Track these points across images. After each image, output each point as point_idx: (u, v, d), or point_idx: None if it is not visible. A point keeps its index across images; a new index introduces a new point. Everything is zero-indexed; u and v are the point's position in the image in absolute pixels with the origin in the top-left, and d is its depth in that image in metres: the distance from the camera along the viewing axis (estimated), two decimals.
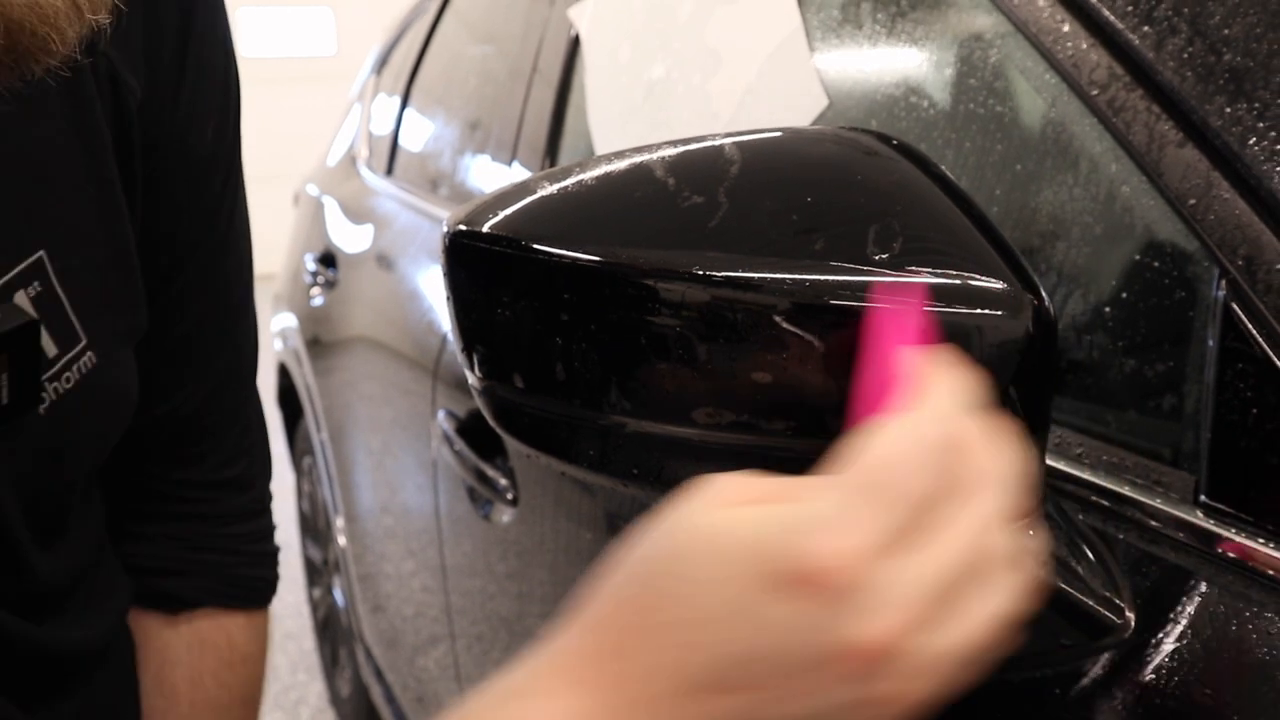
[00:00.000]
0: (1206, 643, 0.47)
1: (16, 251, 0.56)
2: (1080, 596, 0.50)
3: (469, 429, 1.30)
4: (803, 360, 0.46)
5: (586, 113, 1.22)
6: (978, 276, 0.47)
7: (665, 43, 1.08)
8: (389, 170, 2.15)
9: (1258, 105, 0.52)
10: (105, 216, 0.60)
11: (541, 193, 0.52)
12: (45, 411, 0.58)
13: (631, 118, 1.13)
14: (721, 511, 0.35)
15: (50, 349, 0.58)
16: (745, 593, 0.33)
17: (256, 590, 0.79)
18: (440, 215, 1.67)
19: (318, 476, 2.38)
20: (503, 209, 0.52)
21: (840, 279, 0.47)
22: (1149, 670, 0.48)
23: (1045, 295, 0.48)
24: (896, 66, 0.79)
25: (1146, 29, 0.57)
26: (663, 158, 0.52)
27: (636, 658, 0.34)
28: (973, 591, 0.35)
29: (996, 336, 0.47)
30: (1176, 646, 0.48)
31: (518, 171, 1.44)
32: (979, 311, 0.47)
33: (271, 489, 0.82)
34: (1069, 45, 0.61)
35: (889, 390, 0.39)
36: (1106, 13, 0.59)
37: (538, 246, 0.49)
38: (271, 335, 2.79)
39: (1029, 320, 0.47)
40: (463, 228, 0.52)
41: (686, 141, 0.53)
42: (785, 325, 0.46)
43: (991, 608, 0.35)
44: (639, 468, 0.52)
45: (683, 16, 1.06)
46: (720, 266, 0.47)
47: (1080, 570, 0.51)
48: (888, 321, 0.42)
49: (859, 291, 0.46)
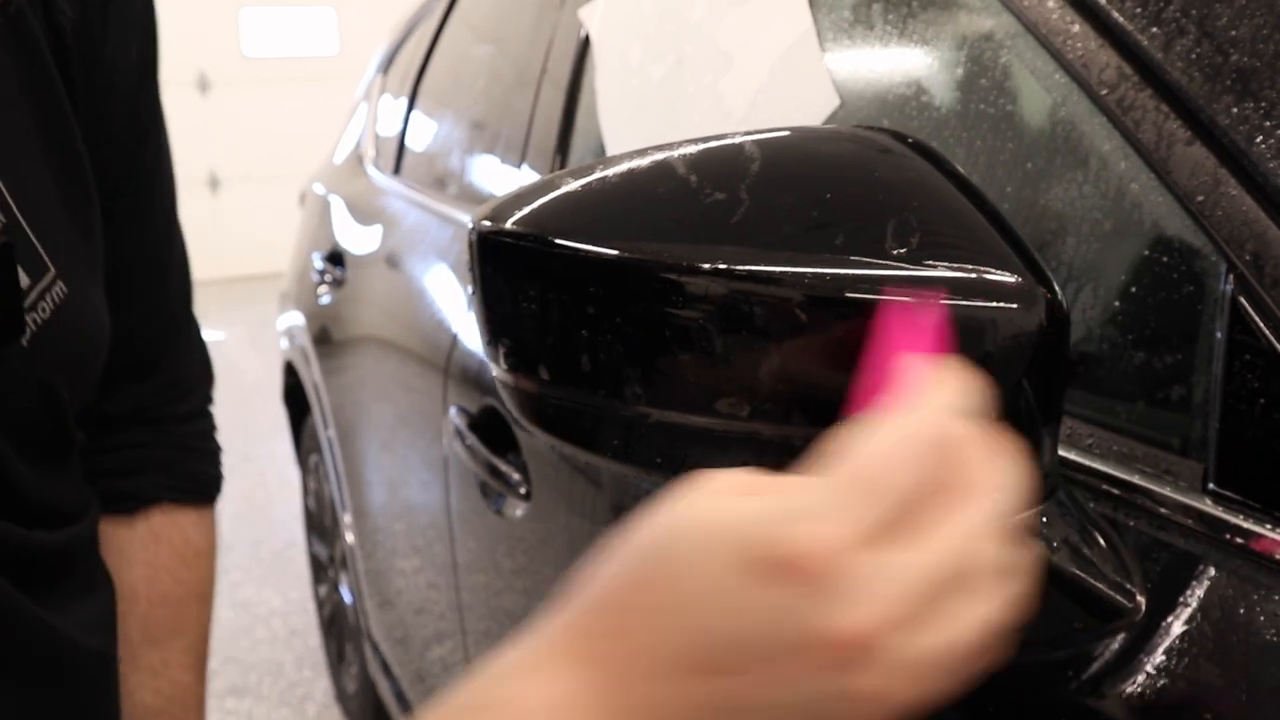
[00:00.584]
0: (1215, 625, 0.49)
1: None
2: (1092, 581, 0.52)
3: (481, 424, 1.31)
4: (821, 352, 0.48)
5: (597, 113, 1.24)
6: (992, 270, 0.48)
7: (676, 43, 1.09)
8: (396, 169, 2.17)
9: (1264, 104, 0.53)
10: (57, 145, 0.63)
11: (566, 189, 0.53)
12: (28, 343, 0.60)
13: (642, 118, 1.15)
14: (712, 500, 0.36)
15: (23, 279, 0.60)
16: (728, 578, 0.34)
17: (206, 485, 0.85)
18: (449, 214, 1.68)
19: (325, 474, 2.40)
20: (528, 205, 0.53)
21: (859, 273, 0.48)
22: (1159, 652, 0.49)
23: (1058, 289, 0.49)
24: (907, 67, 0.81)
25: (1155, 30, 0.58)
26: (684, 155, 0.53)
27: (627, 637, 0.36)
28: (959, 596, 0.35)
29: (1010, 329, 0.48)
30: (1186, 629, 0.49)
31: (527, 172, 1.46)
32: (993, 305, 0.48)
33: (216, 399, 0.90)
34: (1079, 46, 0.62)
35: (888, 386, 0.39)
36: (1115, 14, 0.61)
37: (563, 241, 0.50)
38: (278, 334, 2.81)
39: (1042, 313, 0.48)
40: (489, 223, 0.53)
41: (707, 140, 0.54)
42: (805, 318, 0.47)
43: (978, 615, 0.35)
44: (662, 457, 0.53)
45: (694, 17, 1.07)
46: (743, 261, 0.48)
47: (1092, 556, 0.52)
48: (898, 318, 0.42)
49: (877, 285, 0.47)
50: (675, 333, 0.49)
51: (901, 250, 0.48)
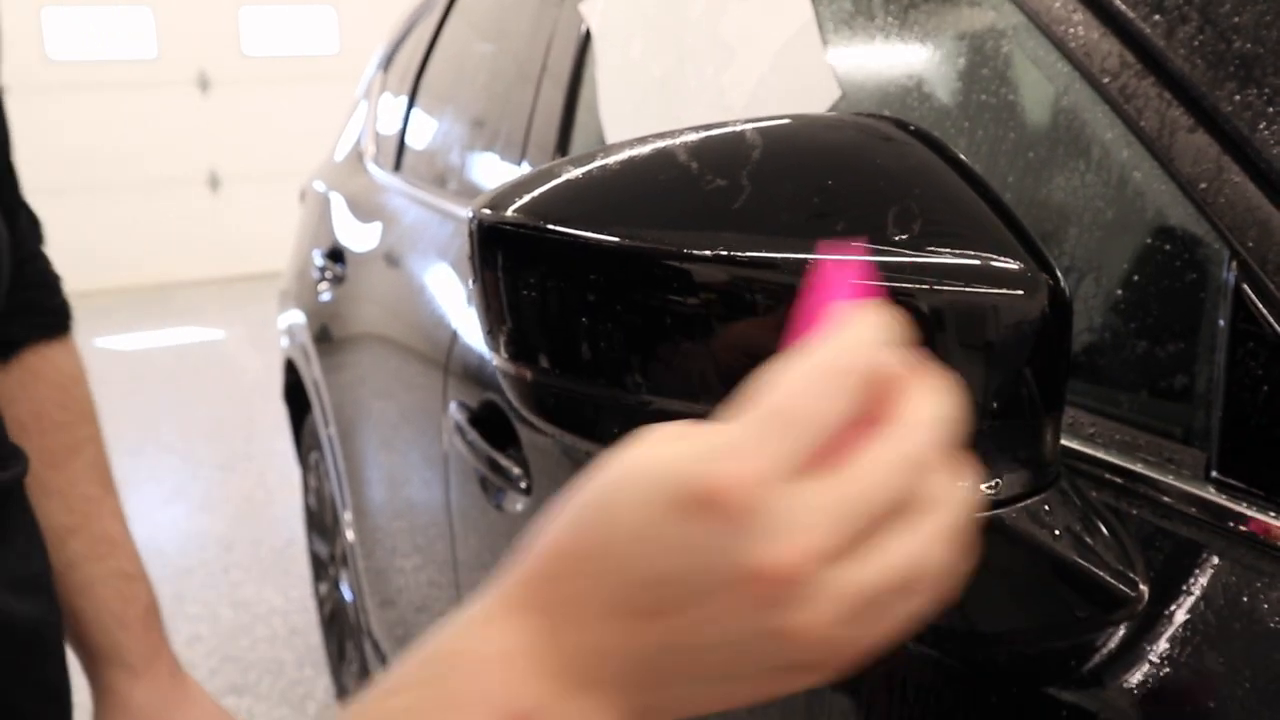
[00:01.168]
0: (1218, 613, 0.48)
1: None
2: (1095, 570, 0.51)
3: (482, 419, 1.31)
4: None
5: (598, 108, 1.23)
6: (994, 257, 0.48)
7: (677, 36, 1.09)
8: (397, 166, 2.16)
9: (1267, 91, 0.53)
10: None
11: (566, 177, 0.53)
12: None
13: (644, 112, 1.15)
14: (644, 449, 0.36)
15: None
16: (655, 518, 0.35)
17: (65, 315, 0.93)
18: (449, 210, 1.68)
19: (325, 472, 2.39)
20: (528, 193, 0.53)
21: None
22: (1163, 641, 0.49)
23: (1060, 276, 0.49)
24: (909, 57, 0.81)
25: (1157, 17, 0.58)
26: (685, 143, 0.53)
27: (569, 583, 0.36)
28: (893, 528, 0.35)
29: (1012, 316, 0.48)
30: (1189, 618, 0.49)
31: (527, 168, 1.45)
32: (996, 291, 0.48)
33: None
34: (1080, 34, 0.62)
35: (813, 330, 0.38)
36: (1118, 2, 0.61)
37: (564, 229, 0.50)
38: (278, 332, 2.81)
39: (1045, 300, 0.48)
40: (489, 211, 0.53)
41: (708, 127, 0.54)
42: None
43: (912, 547, 0.35)
44: None
45: (695, 10, 1.07)
46: (744, 248, 0.48)
47: (1094, 545, 0.52)
48: (826, 274, 0.40)
49: (880, 272, 0.47)
50: (676, 320, 0.49)
51: (903, 237, 0.48)
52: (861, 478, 0.35)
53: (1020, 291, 0.48)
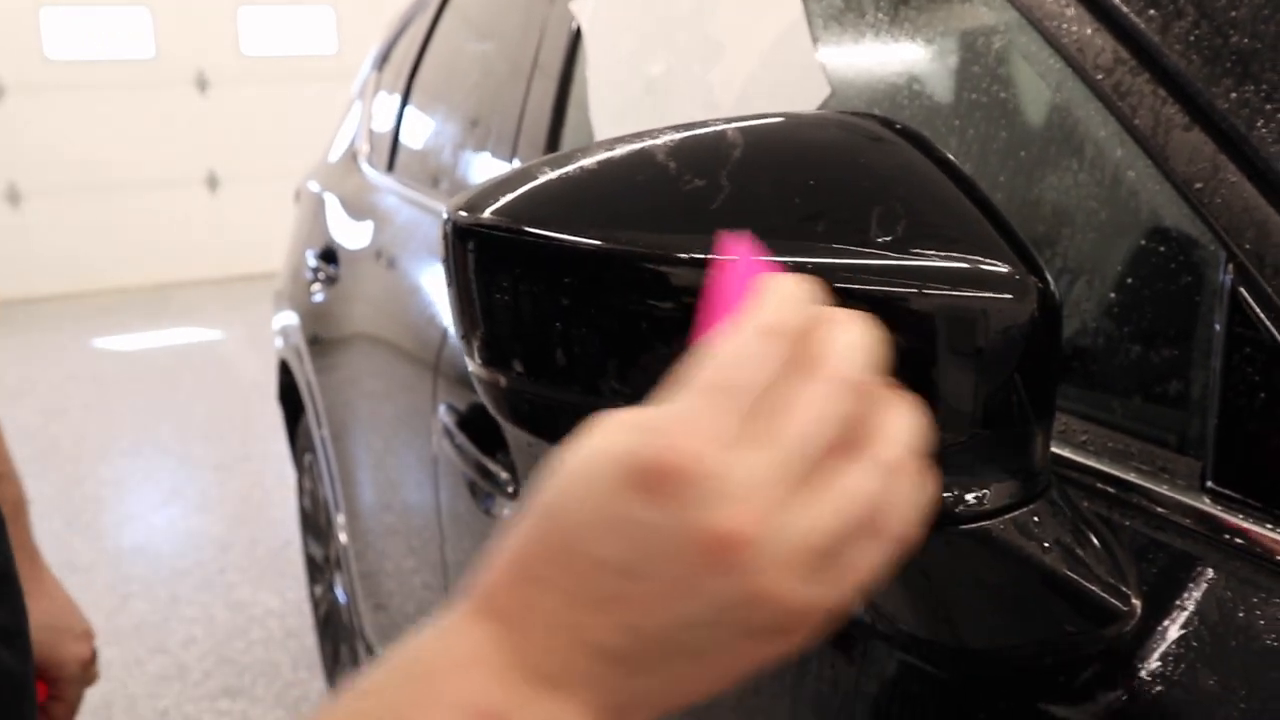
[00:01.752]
0: (1213, 629, 0.47)
1: None
2: (1085, 584, 0.50)
3: (470, 422, 1.29)
4: None
5: (588, 106, 1.22)
6: (983, 260, 0.47)
7: (667, 34, 1.07)
8: (390, 166, 2.15)
9: (1265, 87, 0.51)
10: None
11: (543, 178, 0.52)
12: None
13: (633, 110, 1.13)
14: (592, 438, 0.37)
15: None
16: (607, 502, 0.35)
17: None
18: (441, 211, 1.66)
19: (319, 474, 2.38)
20: (504, 194, 0.51)
21: (841, 262, 0.46)
22: (1155, 657, 0.48)
23: (1050, 279, 0.48)
24: (899, 54, 0.79)
25: (1152, 12, 0.56)
26: (665, 143, 0.51)
27: (532, 586, 0.37)
28: (839, 469, 0.36)
29: (1002, 321, 0.47)
30: (1183, 633, 0.47)
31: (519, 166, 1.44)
32: (985, 295, 0.46)
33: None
34: (1074, 30, 0.61)
35: (725, 314, 0.40)
36: None
37: (538, 231, 0.49)
38: (273, 332, 2.79)
39: (1034, 304, 0.47)
40: (464, 213, 0.52)
41: (689, 127, 0.52)
42: None
43: (862, 479, 0.36)
44: None
45: (685, 7, 1.05)
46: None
47: (1085, 557, 0.50)
48: (728, 269, 0.41)
49: (860, 275, 0.46)
50: (652, 324, 0.47)
51: (887, 238, 0.46)
52: (797, 421, 0.36)
53: (1009, 295, 0.47)
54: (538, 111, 1.40)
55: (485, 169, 1.61)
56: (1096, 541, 0.52)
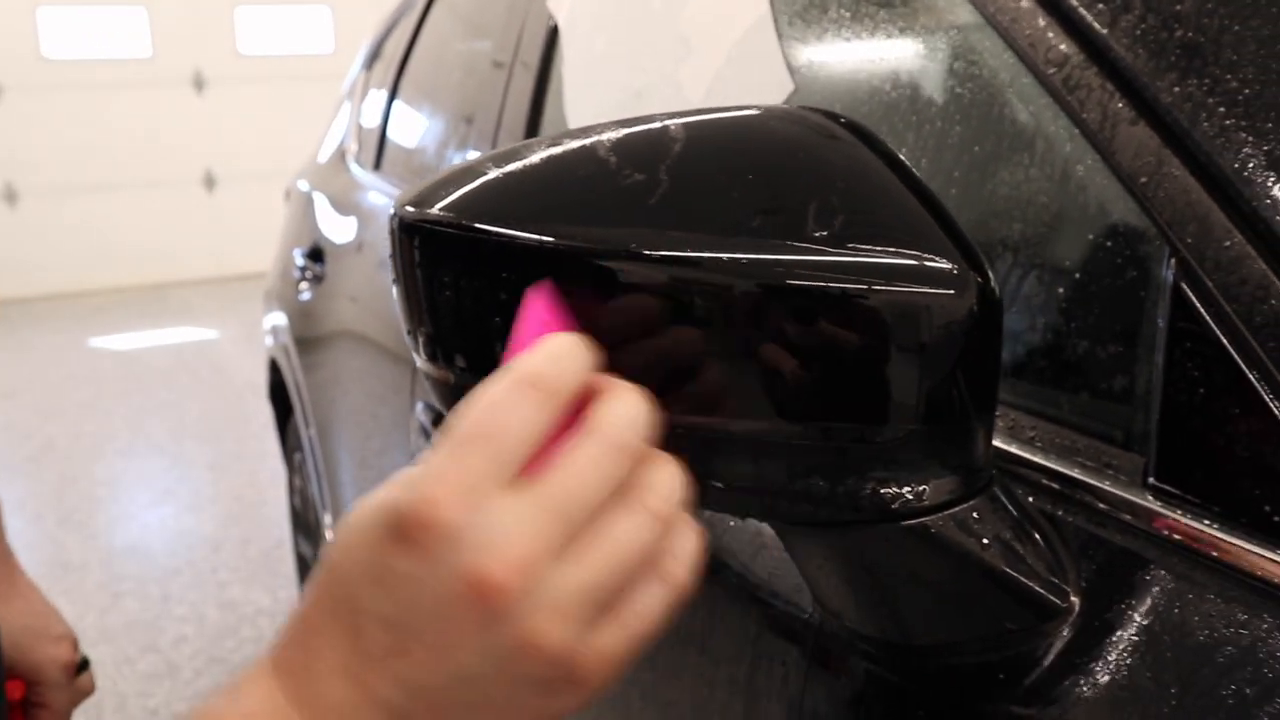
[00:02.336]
0: (1149, 626, 0.46)
1: None
2: (1024, 580, 0.49)
3: (445, 420, 1.29)
4: (733, 339, 0.46)
5: (564, 102, 1.22)
6: (922, 255, 0.46)
7: (639, 31, 1.07)
8: (377, 165, 2.15)
9: (1208, 81, 0.51)
10: None
11: (489, 174, 0.52)
12: None
13: (606, 107, 1.13)
14: (367, 497, 0.37)
15: None
16: (375, 556, 0.36)
17: None
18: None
19: (307, 473, 2.38)
20: (450, 190, 0.51)
21: (781, 257, 0.46)
22: (1092, 654, 0.47)
23: (991, 275, 0.47)
24: (860, 50, 0.79)
25: (1101, 5, 0.56)
26: (607, 138, 0.51)
27: (314, 641, 0.37)
28: (610, 520, 0.36)
29: (943, 316, 0.46)
30: (1120, 630, 0.47)
31: None
32: (925, 290, 0.46)
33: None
34: (1026, 24, 0.60)
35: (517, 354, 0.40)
36: None
37: (482, 226, 0.49)
38: (263, 331, 2.79)
39: (974, 299, 0.46)
40: (410, 209, 0.52)
41: (633, 122, 0.52)
42: (720, 304, 0.45)
43: (631, 531, 0.36)
44: None
45: (657, 4, 1.05)
46: (656, 244, 0.46)
47: (1025, 554, 0.50)
48: (532, 310, 0.43)
49: (798, 270, 0.45)
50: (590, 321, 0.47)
51: (824, 233, 0.46)
52: (565, 478, 0.36)
53: (950, 291, 0.46)
54: (517, 108, 1.40)
55: None
56: (1038, 538, 0.51)
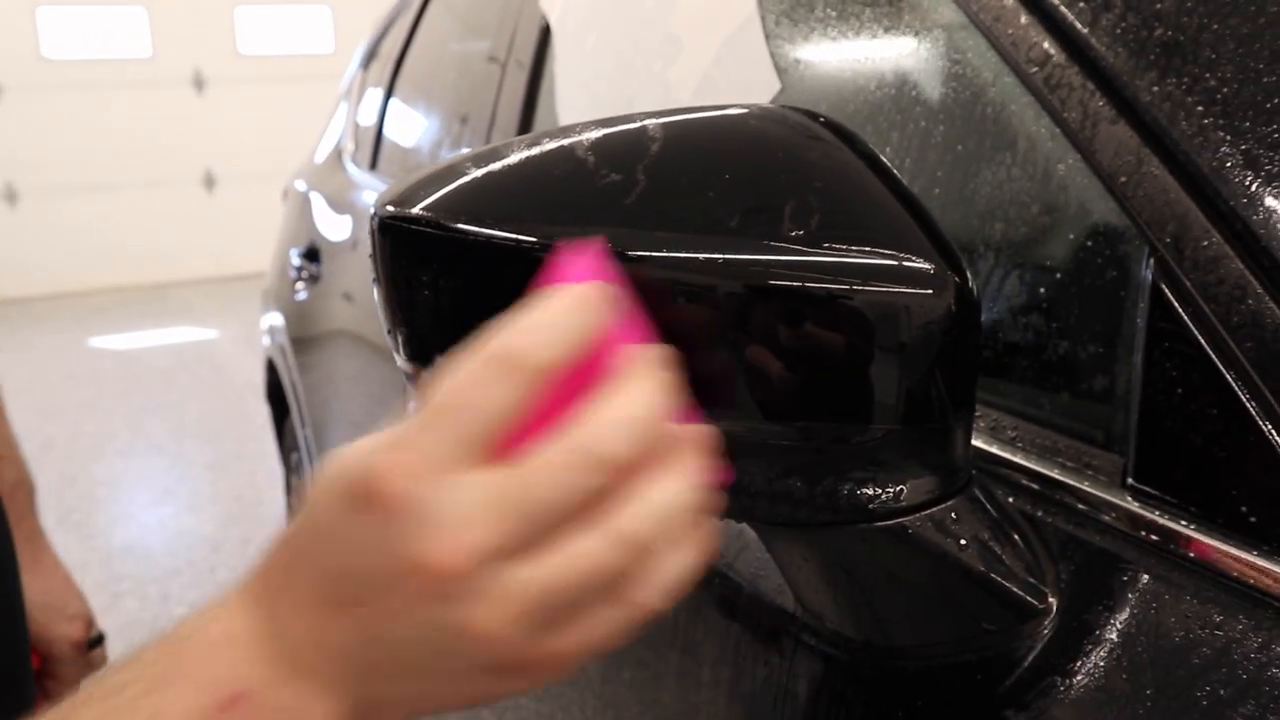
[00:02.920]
0: (1125, 626, 0.46)
1: None
2: (1002, 581, 0.49)
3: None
4: (713, 338, 0.46)
5: (555, 103, 1.22)
6: (900, 255, 0.46)
7: (629, 31, 1.07)
8: (373, 164, 2.15)
9: (1187, 80, 0.51)
10: None
11: (469, 174, 0.52)
12: None
13: (597, 107, 1.13)
14: (343, 451, 0.37)
15: None
16: (334, 513, 0.36)
17: None
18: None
19: (304, 473, 2.38)
20: (430, 190, 0.51)
21: (759, 257, 0.46)
22: (1070, 654, 0.47)
23: (969, 274, 0.47)
24: (846, 50, 0.79)
25: (1082, 4, 0.56)
26: (586, 138, 0.51)
27: (286, 573, 0.38)
28: (577, 528, 0.34)
29: (921, 316, 0.46)
30: (1098, 630, 0.47)
31: None
32: (903, 290, 0.46)
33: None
34: (1008, 23, 0.60)
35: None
36: None
37: (461, 226, 0.49)
38: (260, 331, 2.79)
39: (952, 300, 0.46)
40: (390, 209, 0.52)
41: (613, 121, 0.52)
42: (697, 304, 0.45)
43: (598, 549, 0.34)
44: None
45: (647, 4, 1.05)
46: (631, 244, 0.46)
47: (1003, 554, 0.50)
48: (561, 266, 0.39)
49: (776, 270, 0.45)
50: None
51: (800, 232, 0.46)
52: (533, 475, 0.34)
53: (928, 291, 0.46)
54: (509, 107, 1.40)
55: None
56: (1017, 538, 0.51)
